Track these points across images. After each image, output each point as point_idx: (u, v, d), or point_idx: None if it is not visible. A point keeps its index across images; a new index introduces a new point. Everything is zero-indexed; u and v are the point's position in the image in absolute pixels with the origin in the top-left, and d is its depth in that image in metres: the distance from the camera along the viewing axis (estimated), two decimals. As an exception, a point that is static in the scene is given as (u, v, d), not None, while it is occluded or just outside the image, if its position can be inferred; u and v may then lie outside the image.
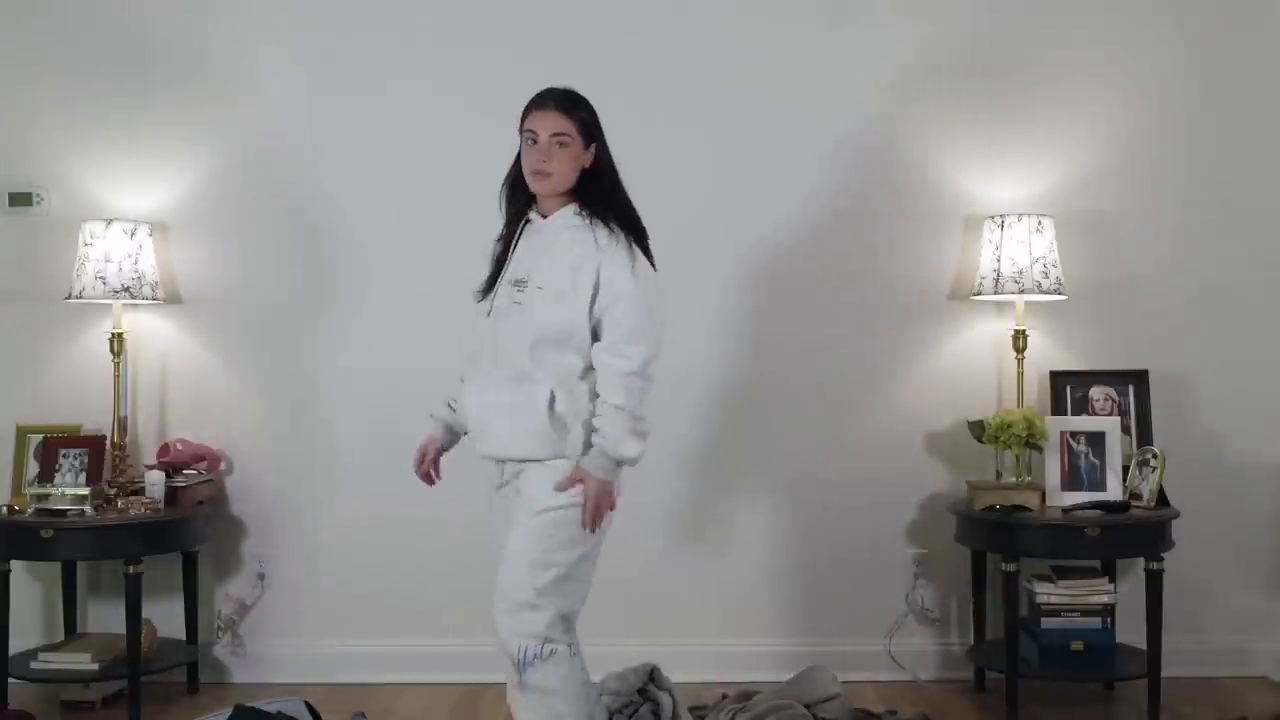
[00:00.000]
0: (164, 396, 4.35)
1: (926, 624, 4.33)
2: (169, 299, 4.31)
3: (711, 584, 4.28)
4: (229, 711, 3.57)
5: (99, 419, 4.24)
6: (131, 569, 3.91)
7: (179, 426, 4.33)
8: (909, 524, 4.33)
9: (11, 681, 4.00)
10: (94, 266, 4.08)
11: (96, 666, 3.97)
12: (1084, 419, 4.11)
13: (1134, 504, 3.92)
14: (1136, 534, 3.88)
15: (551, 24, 4.30)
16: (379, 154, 4.34)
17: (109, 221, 4.13)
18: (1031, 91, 4.30)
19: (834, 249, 4.31)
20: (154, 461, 4.22)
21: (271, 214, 4.35)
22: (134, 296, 4.11)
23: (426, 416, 3.30)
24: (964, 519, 4.09)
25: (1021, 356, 4.14)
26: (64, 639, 4.22)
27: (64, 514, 3.90)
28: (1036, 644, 3.95)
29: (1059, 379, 4.25)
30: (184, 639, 4.27)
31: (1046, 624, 3.94)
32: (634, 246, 2.98)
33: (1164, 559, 3.88)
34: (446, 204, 4.32)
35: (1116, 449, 4.00)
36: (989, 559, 4.15)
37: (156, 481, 4.06)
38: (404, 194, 4.34)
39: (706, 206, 4.27)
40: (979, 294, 4.15)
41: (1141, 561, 3.91)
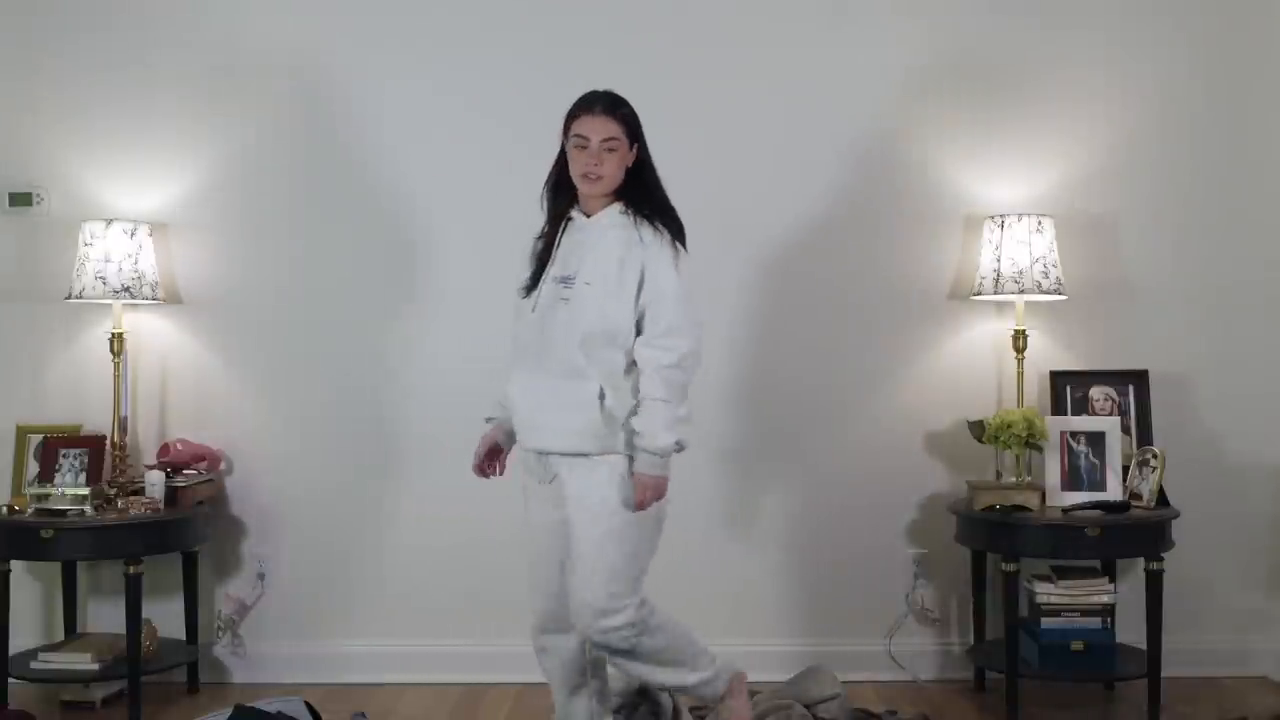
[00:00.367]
0: (164, 396, 4.35)
1: (926, 624, 4.33)
2: (169, 299, 4.31)
3: (711, 584, 4.27)
4: (229, 711, 3.56)
5: (99, 419, 4.24)
6: (131, 569, 3.91)
7: (179, 426, 4.33)
8: (909, 524, 4.33)
9: (11, 681, 4.00)
10: (94, 266, 4.08)
11: (96, 666, 3.97)
12: (1084, 419, 4.11)
13: (1134, 504, 3.92)
14: (1136, 534, 3.88)
15: (551, 24, 4.30)
16: (378, 154, 4.34)
17: (109, 221, 4.13)
18: (1031, 91, 4.30)
19: (833, 249, 4.31)
20: (154, 461, 4.22)
21: (271, 214, 4.35)
22: (134, 296, 4.11)
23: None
24: (964, 519, 4.09)
25: (1021, 356, 4.13)
26: (64, 639, 4.22)
27: (64, 514, 3.90)
28: (1036, 644, 3.94)
29: (1059, 379, 4.25)
30: (184, 639, 4.27)
31: (1046, 624, 3.94)
32: (676, 243, 3.10)
33: (1164, 559, 3.88)
34: (447, 204, 4.32)
35: (1116, 449, 4.00)
36: (989, 559, 4.15)
37: (156, 481, 4.06)
38: (404, 194, 4.33)
39: (706, 206, 4.23)
40: (979, 294, 4.15)
41: (1141, 561, 3.91)
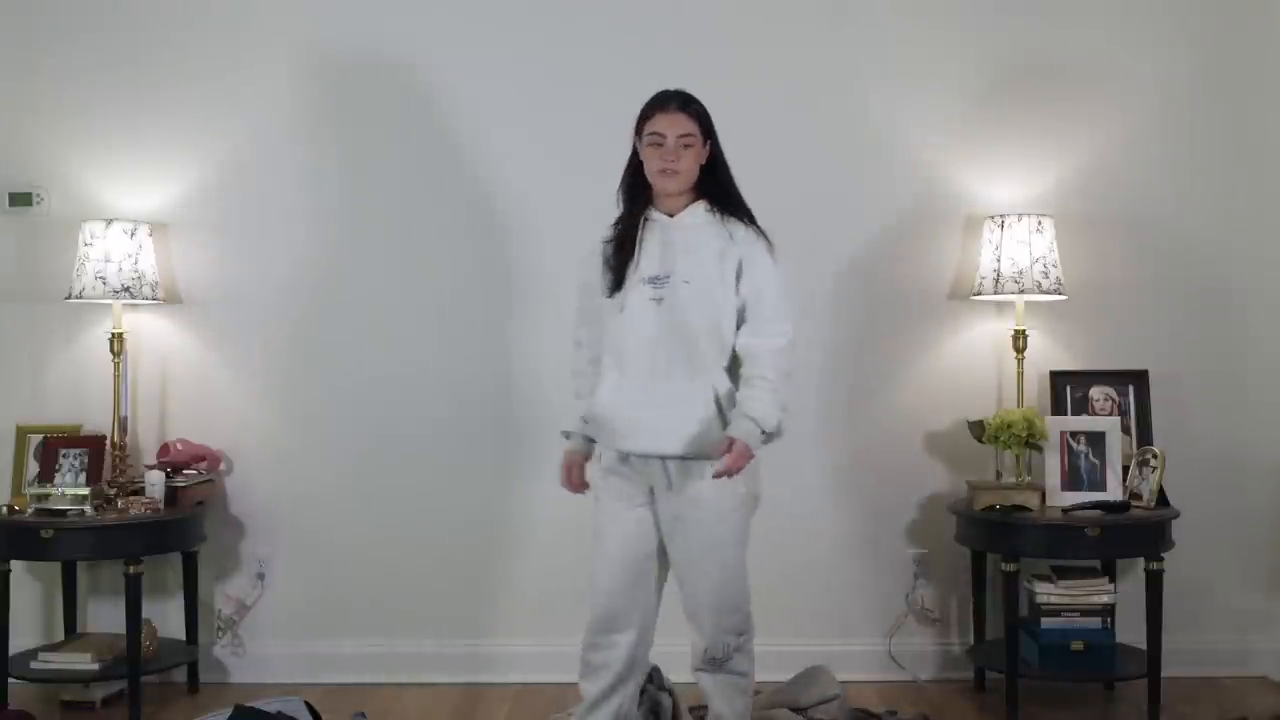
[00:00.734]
0: (164, 396, 4.35)
1: (926, 624, 4.33)
2: (169, 299, 4.31)
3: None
4: (229, 711, 3.56)
5: (99, 419, 4.24)
6: (131, 569, 3.91)
7: (179, 426, 4.33)
8: (909, 524, 4.33)
9: (11, 681, 4.00)
10: (94, 266, 4.08)
11: (96, 666, 3.97)
12: (1084, 419, 4.11)
13: (1134, 504, 3.92)
14: (1136, 534, 3.88)
15: (551, 24, 4.30)
16: (378, 154, 4.34)
17: (109, 221, 4.13)
18: (1031, 91, 4.30)
19: (833, 249, 4.31)
20: (154, 461, 4.22)
21: (271, 214, 4.35)
22: (134, 296, 4.11)
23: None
24: (964, 519, 4.09)
25: (1021, 356, 4.13)
26: (64, 639, 4.22)
27: (64, 514, 3.90)
28: (1036, 644, 3.95)
29: (1059, 379, 4.25)
30: (184, 639, 4.27)
31: (1046, 624, 3.94)
32: (766, 236, 3.16)
33: (1164, 559, 3.88)
34: (445, 204, 4.32)
35: (1116, 449, 4.00)
36: (989, 559, 4.15)
37: (156, 481, 4.06)
38: (404, 195, 4.33)
39: (706, 206, 4.26)
40: (979, 294, 4.15)
41: (1141, 561, 3.91)
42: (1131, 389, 4.22)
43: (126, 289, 4.09)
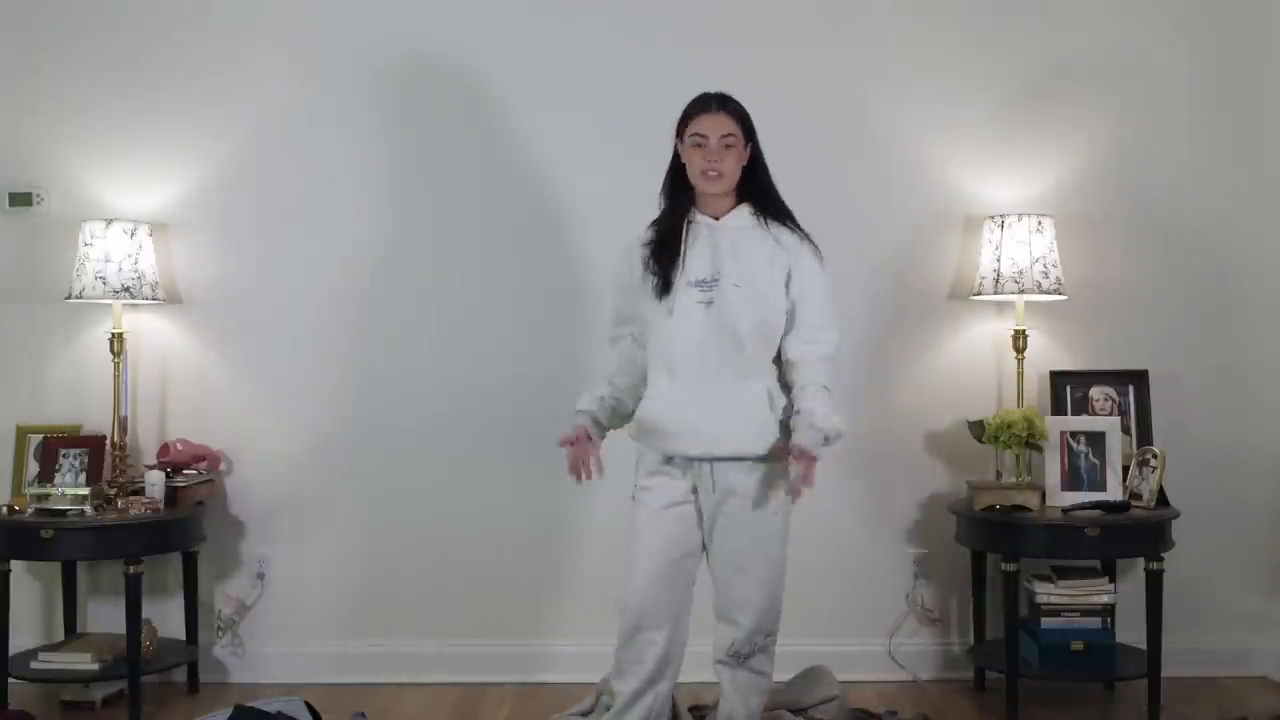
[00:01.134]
0: (164, 396, 4.35)
1: (926, 624, 4.33)
2: (169, 299, 4.31)
3: (712, 583, 4.27)
4: (229, 711, 3.57)
5: (99, 419, 4.24)
6: (131, 569, 3.91)
7: (179, 426, 4.33)
8: (909, 524, 4.33)
9: (11, 681, 4.00)
10: (94, 266, 4.08)
11: (96, 666, 3.97)
12: (1084, 419, 4.11)
13: (1134, 504, 3.92)
14: (1136, 534, 3.88)
15: (551, 24, 4.30)
16: (378, 154, 4.34)
17: (109, 221, 4.13)
18: (1032, 92, 4.30)
19: (833, 249, 4.26)
20: (154, 461, 4.22)
21: (271, 214, 4.35)
22: (134, 296, 4.11)
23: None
24: (964, 519, 4.09)
25: (1021, 356, 4.13)
26: (64, 639, 4.22)
27: (64, 514, 3.90)
28: (1036, 644, 3.94)
29: (1059, 379, 4.25)
30: (184, 639, 4.27)
31: (1046, 624, 3.94)
32: (813, 241, 3.19)
33: (1164, 559, 3.88)
34: (445, 203, 4.33)
35: (1116, 449, 4.00)
36: (989, 559, 4.15)
37: (156, 481, 4.06)
38: (403, 194, 4.33)
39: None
40: (979, 294, 4.15)
41: (1141, 561, 3.91)
42: (1131, 389, 4.22)
43: (126, 289, 4.09)
